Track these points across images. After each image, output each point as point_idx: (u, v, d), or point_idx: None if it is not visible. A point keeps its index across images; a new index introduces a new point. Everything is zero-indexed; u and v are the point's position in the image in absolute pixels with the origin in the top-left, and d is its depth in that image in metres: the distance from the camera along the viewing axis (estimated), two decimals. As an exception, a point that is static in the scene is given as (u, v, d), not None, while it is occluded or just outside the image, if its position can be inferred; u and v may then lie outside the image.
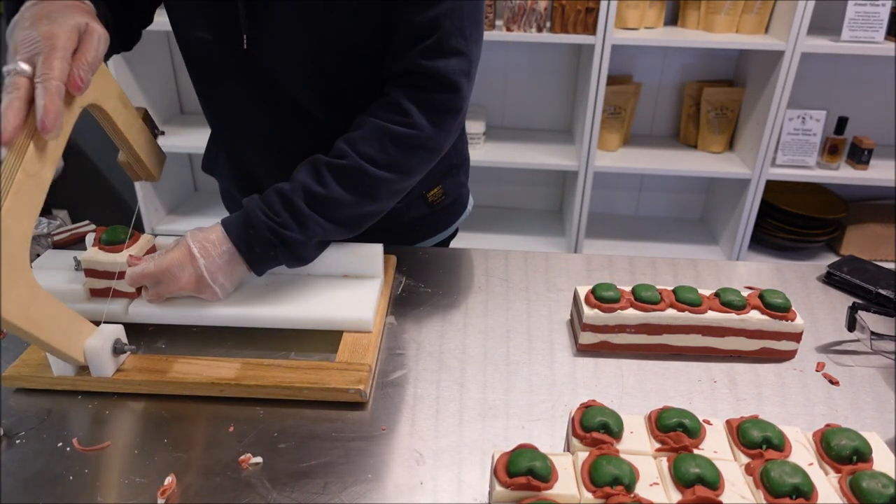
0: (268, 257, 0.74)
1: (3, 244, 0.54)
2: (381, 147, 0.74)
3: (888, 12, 1.78)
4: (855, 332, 0.76)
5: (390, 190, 0.77)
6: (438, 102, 0.76)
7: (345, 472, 0.59)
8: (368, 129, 0.75)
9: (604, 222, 2.36)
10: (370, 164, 0.74)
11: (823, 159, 2.00)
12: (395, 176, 0.76)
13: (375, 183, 0.75)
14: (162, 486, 0.56)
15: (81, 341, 0.64)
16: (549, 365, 0.73)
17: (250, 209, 0.73)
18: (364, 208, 0.76)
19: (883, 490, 0.50)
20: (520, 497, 0.50)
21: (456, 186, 1.02)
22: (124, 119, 0.75)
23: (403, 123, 0.75)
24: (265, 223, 0.72)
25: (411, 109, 0.75)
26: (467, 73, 0.77)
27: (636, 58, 2.14)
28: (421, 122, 0.75)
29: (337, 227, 0.76)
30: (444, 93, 0.76)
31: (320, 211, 0.74)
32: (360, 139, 0.75)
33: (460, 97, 0.77)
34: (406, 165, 0.77)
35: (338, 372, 0.67)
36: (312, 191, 0.73)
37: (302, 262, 0.76)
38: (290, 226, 0.73)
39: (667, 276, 0.91)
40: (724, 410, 0.67)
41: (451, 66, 0.75)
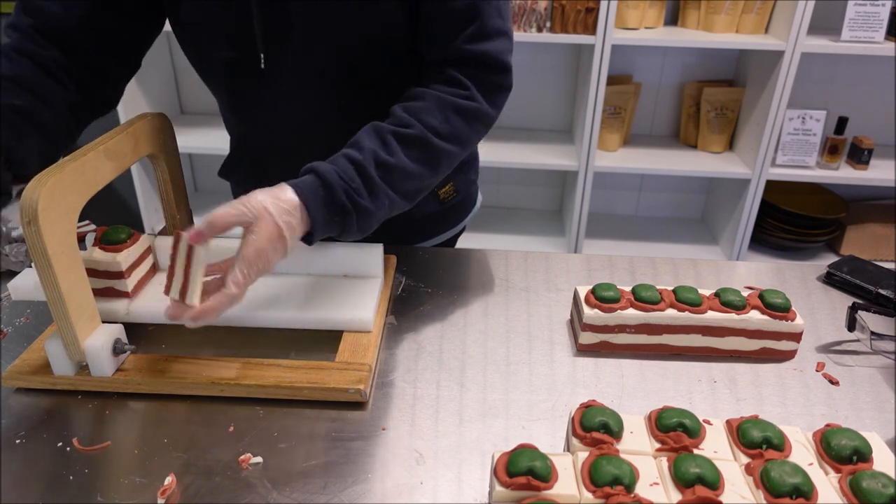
0: (332, 224, 0.70)
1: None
2: (445, 118, 0.74)
3: (888, 12, 1.78)
4: (855, 332, 0.76)
5: (450, 162, 0.78)
6: (492, 82, 0.78)
7: (345, 472, 0.59)
8: (431, 101, 0.75)
9: (604, 222, 2.36)
10: (435, 136, 0.74)
11: (823, 159, 2.00)
12: (456, 148, 0.76)
13: (439, 154, 0.75)
14: (162, 486, 0.56)
15: (87, 335, 0.65)
16: (549, 365, 0.73)
17: (324, 172, 0.68)
18: (425, 180, 0.76)
19: (883, 490, 0.50)
20: (520, 497, 0.50)
21: (466, 184, 1.02)
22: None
23: (465, 96, 0.76)
24: (342, 187, 0.69)
25: (469, 85, 0.76)
26: (510, 50, 0.79)
27: (636, 58, 2.14)
28: (479, 96, 0.76)
29: (400, 198, 0.74)
30: (495, 73, 0.78)
31: (389, 180, 0.72)
32: (423, 110, 0.74)
33: (510, 75, 0.79)
34: (466, 138, 0.77)
35: (338, 372, 0.67)
36: (382, 159, 0.71)
37: (363, 233, 0.73)
38: (363, 193, 0.70)
39: (667, 276, 0.91)
40: (724, 410, 0.67)
41: (497, 47, 0.77)
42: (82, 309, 0.64)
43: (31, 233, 0.57)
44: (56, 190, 0.59)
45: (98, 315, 0.67)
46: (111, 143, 0.69)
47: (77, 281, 0.63)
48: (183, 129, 2.14)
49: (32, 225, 0.57)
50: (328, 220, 0.69)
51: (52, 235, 0.59)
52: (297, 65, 0.80)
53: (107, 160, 0.68)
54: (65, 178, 0.61)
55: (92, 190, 0.65)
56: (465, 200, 1.04)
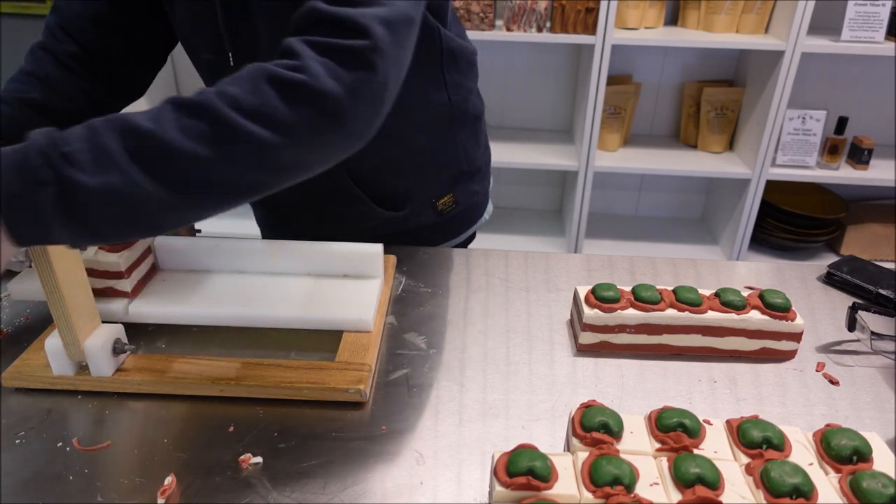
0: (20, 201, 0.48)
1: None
2: (253, 88, 0.54)
3: (888, 12, 1.78)
4: (855, 332, 0.76)
5: (259, 153, 0.54)
6: (343, 48, 0.56)
7: (345, 472, 0.59)
8: (244, 70, 0.56)
9: (604, 222, 2.36)
10: (229, 106, 0.53)
11: (823, 159, 2.00)
12: (268, 133, 0.53)
13: (232, 131, 0.52)
14: (162, 486, 0.56)
15: (87, 335, 0.65)
16: (549, 365, 0.73)
17: (32, 134, 0.50)
18: (211, 169, 0.53)
19: (883, 490, 0.50)
20: (520, 497, 0.50)
21: (468, 195, 0.99)
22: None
23: (290, 66, 0.55)
24: (42, 149, 0.48)
25: (304, 51, 0.55)
26: (387, 22, 0.58)
27: (636, 58, 2.14)
28: (316, 68, 0.55)
29: (158, 183, 0.51)
30: (348, 38, 0.56)
31: (137, 152, 0.50)
32: (230, 80, 0.55)
33: (375, 48, 0.56)
34: (283, 119, 0.54)
35: (338, 372, 0.67)
36: (133, 124, 0.51)
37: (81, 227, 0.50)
38: (77, 160, 0.48)
39: (667, 276, 0.91)
40: (724, 410, 0.67)
41: (361, 11, 0.57)
42: (82, 309, 0.64)
43: None
44: None
45: (98, 315, 0.67)
46: None
47: (77, 281, 0.63)
48: None
49: None
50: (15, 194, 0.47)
51: None
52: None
53: None
54: None
55: None
56: (468, 212, 1.01)
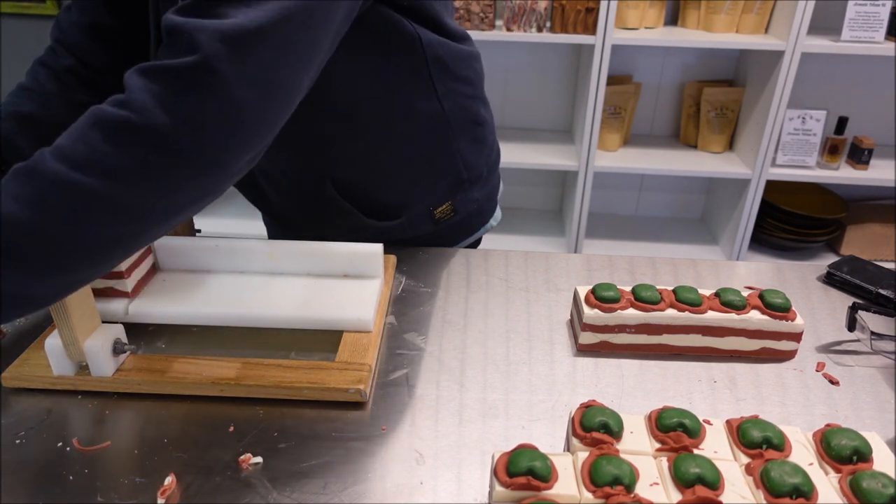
0: None
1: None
2: (80, 135, 0.50)
3: (888, 12, 1.78)
4: (855, 332, 0.76)
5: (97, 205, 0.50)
6: (170, 70, 0.51)
7: (345, 472, 0.59)
8: (85, 115, 0.52)
9: (604, 222, 2.36)
10: (57, 160, 0.49)
11: (823, 159, 2.00)
12: (100, 182, 0.49)
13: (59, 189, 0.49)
14: (162, 486, 0.56)
15: (87, 336, 0.65)
16: (549, 365, 0.73)
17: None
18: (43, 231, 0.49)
19: (883, 490, 0.50)
20: (520, 497, 0.50)
21: (468, 203, 0.96)
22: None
23: (116, 102, 0.51)
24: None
25: (133, 82, 0.51)
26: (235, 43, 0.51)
27: (636, 58, 2.14)
28: (141, 100, 0.50)
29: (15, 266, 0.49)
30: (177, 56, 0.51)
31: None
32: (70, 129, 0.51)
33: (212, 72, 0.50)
34: (117, 166, 0.50)
35: (338, 372, 0.67)
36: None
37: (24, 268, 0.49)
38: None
39: (667, 276, 0.91)
40: (724, 410, 0.67)
41: (196, 23, 0.51)
42: (82, 309, 0.64)
43: None
44: None
45: (98, 315, 0.67)
46: None
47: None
48: None
49: None
50: None
51: None
52: None
53: None
54: None
55: None
56: (468, 220, 0.98)
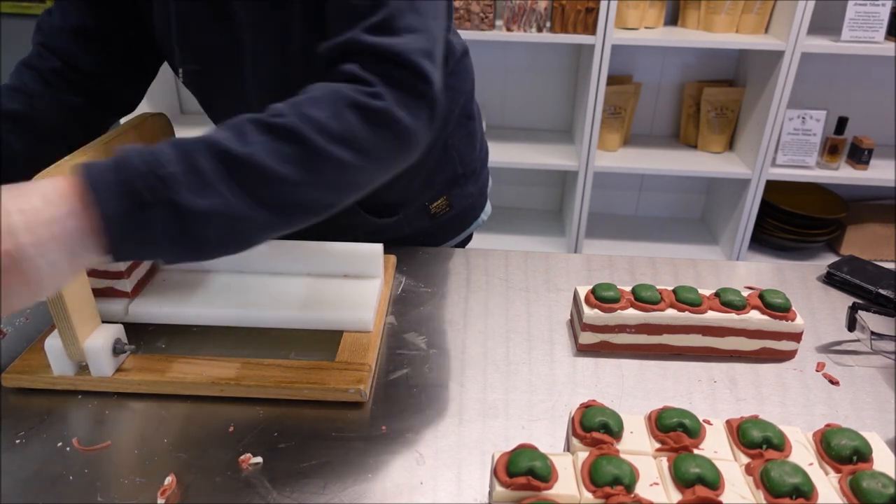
0: (130, 223, 0.48)
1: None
2: (336, 113, 0.55)
3: (888, 12, 1.78)
4: (855, 332, 0.76)
5: (342, 175, 0.57)
6: (407, 85, 0.59)
7: (345, 472, 0.59)
8: (320, 91, 0.57)
9: (604, 222, 2.36)
10: (317, 132, 0.54)
11: (823, 159, 2.00)
12: (351, 156, 0.56)
13: (320, 158, 0.54)
14: (162, 486, 0.56)
15: (87, 335, 0.65)
16: (549, 365, 0.73)
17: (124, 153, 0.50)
18: (299, 191, 0.55)
19: (883, 490, 0.50)
20: (520, 497, 0.50)
21: (462, 198, 0.98)
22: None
23: (368, 94, 0.57)
24: (142, 171, 0.49)
25: (375, 82, 0.58)
26: (428, 54, 0.61)
27: (636, 58, 2.14)
28: (391, 97, 0.58)
29: (258, 205, 0.53)
30: (409, 76, 0.60)
31: (232, 176, 0.51)
32: (306, 101, 0.56)
33: (430, 85, 0.61)
34: (368, 146, 0.57)
35: (338, 372, 0.67)
36: (223, 147, 0.52)
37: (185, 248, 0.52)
38: (177, 183, 0.49)
39: (667, 276, 0.91)
40: (724, 410, 0.67)
41: (408, 44, 0.60)
42: (82, 309, 0.64)
43: None
44: None
45: (98, 315, 0.67)
46: (112, 142, 0.69)
47: (77, 281, 0.63)
48: (183, 130, 2.13)
49: None
50: (124, 217, 0.48)
51: None
52: (211, 81, 0.81)
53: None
54: None
55: None
56: (463, 214, 1.00)
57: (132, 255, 0.51)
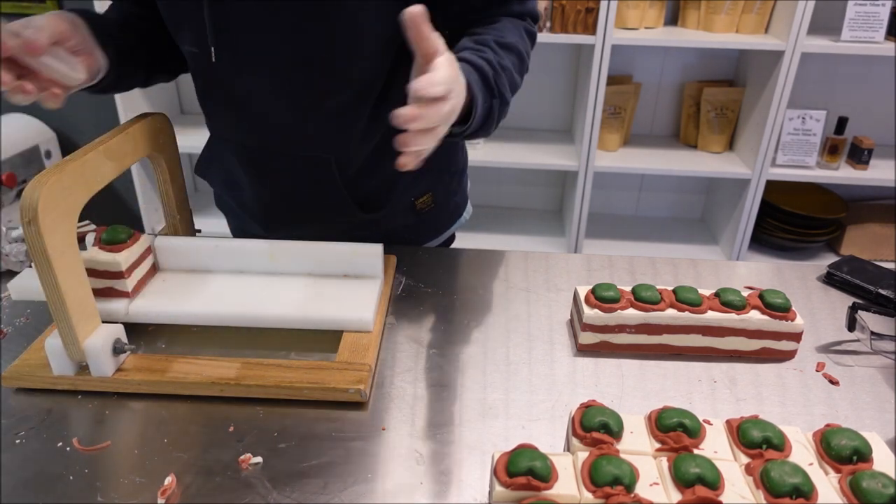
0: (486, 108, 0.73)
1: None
2: (521, 37, 0.82)
3: (888, 12, 1.78)
4: (855, 332, 0.76)
5: (522, 80, 0.83)
6: (532, 32, 0.87)
7: (345, 472, 0.59)
8: (506, 22, 0.82)
9: (604, 222, 2.36)
10: (524, 51, 0.83)
11: (823, 159, 2.00)
12: (525, 65, 0.84)
13: (524, 67, 0.83)
14: (162, 486, 0.56)
15: (87, 335, 0.65)
16: (549, 365, 0.73)
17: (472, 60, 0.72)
18: (516, 87, 0.81)
19: (883, 490, 0.50)
20: (520, 497, 0.50)
21: (447, 195, 1.00)
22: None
23: (527, 25, 0.85)
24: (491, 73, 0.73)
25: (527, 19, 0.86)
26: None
27: (636, 58, 2.14)
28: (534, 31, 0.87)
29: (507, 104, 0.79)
30: (533, 25, 0.87)
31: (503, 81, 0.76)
32: (504, 28, 0.80)
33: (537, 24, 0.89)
34: (527, 61, 0.85)
35: (338, 372, 0.67)
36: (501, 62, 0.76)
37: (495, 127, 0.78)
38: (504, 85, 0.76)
39: (667, 276, 0.91)
40: (724, 410, 0.67)
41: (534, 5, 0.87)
42: (82, 309, 0.64)
43: (31, 233, 0.58)
44: (56, 190, 0.59)
45: (98, 315, 0.67)
46: (111, 142, 0.69)
47: (77, 281, 0.63)
48: (183, 129, 2.13)
49: (32, 225, 0.57)
50: (485, 103, 0.72)
51: (51, 235, 0.59)
52: (246, 63, 0.79)
53: (107, 160, 0.68)
54: (64, 178, 0.61)
55: (92, 190, 0.65)
56: (445, 212, 1.02)
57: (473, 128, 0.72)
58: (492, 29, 0.80)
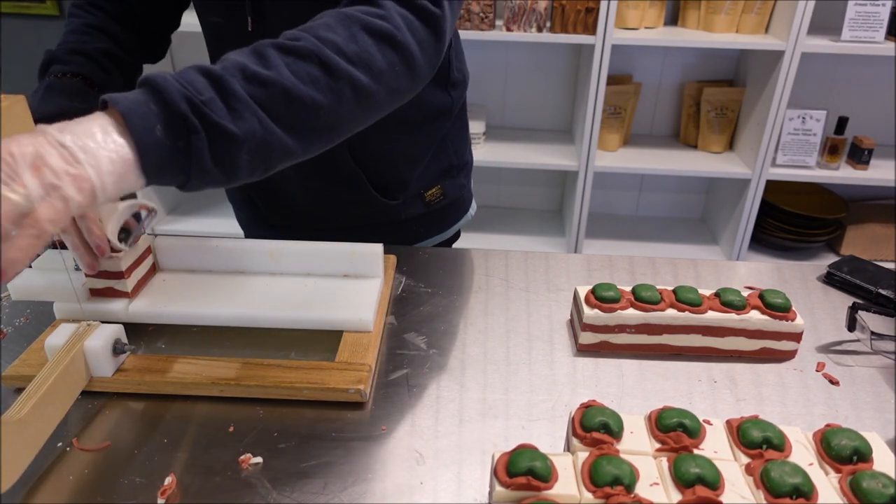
0: (174, 150, 0.49)
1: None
2: (350, 35, 0.58)
3: (888, 12, 1.78)
4: (855, 332, 0.76)
5: (359, 96, 0.59)
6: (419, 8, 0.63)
7: (345, 472, 0.59)
8: (332, 17, 0.60)
9: (604, 222, 2.36)
10: (334, 51, 0.57)
11: (823, 159, 2.00)
12: (366, 77, 0.58)
13: (340, 76, 0.57)
14: (162, 486, 0.56)
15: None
16: (549, 365, 0.73)
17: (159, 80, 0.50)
18: (321, 110, 0.57)
19: (883, 490, 0.50)
20: (520, 497, 0.50)
21: (455, 188, 1.01)
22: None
23: (377, 15, 0.60)
24: (183, 94, 0.50)
25: (386, 4, 0.61)
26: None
27: (636, 58, 2.14)
28: (398, 20, 0.61)
29: (282, 129, 0.54)
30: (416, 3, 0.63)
31: (262, 98, 0.53)
32: (320, 26, 0.59)
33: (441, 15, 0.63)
34: (379, 67, 0.59)
35: (338, 372, 0.67)
36: (252, 71, 0.53)
37: (224, 171, 0.53)
38: (216, 107, 0.51)
39: (667, 276, 0.91)
40: (724, 410, 0.67)
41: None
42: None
43: None
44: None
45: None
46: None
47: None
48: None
49: None
50: (165, 144, 0.49)
51: None
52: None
53: None
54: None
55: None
56: (455, 205, 1.03)
57: (168, 179, 0.51)
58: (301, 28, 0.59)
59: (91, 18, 0.80)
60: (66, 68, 0.74)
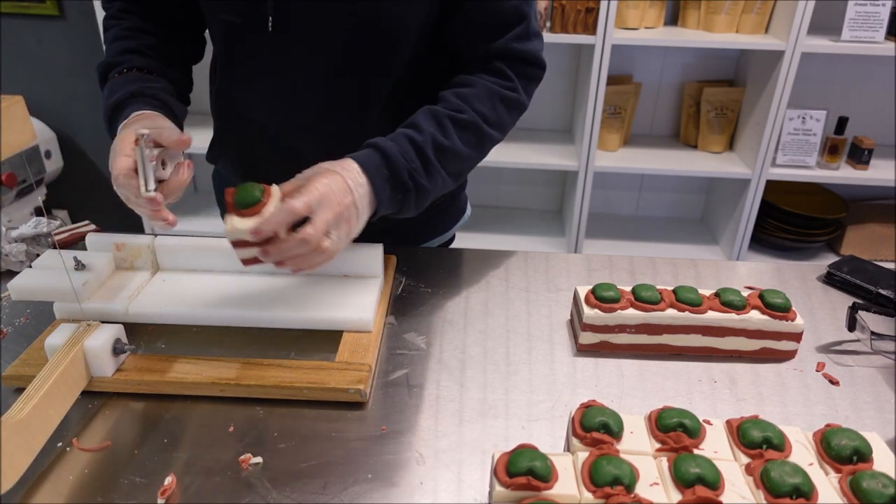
0: (394, 202, 0.75)
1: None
2: (493, 107, 0.81)
3: (888, 12, 1.78)
4: (855, 332, 0.76)
5: (492, 146, 0.84)
6: (530, 76, 0.86)
7: (345, 472, 0.59)
8: (481, 89, 0.81)
9: (604, 222, 2.36)
10: (484, 122, 0.80)
11: (823, 159, 2.00)
12: (499, 135, 0.83)
13: (486, 139, 0.81)
14: (162, 486, 0.56)
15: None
16: (549, 365, 0.73)
17: (388, 150, 0.73)
18: (471, 162, 0.82)
19: (883, 490, 0.50)
20: (520, 497, 0.50)
21: (451, 193, 1.01)
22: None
23: (509, 87, 0.83)
24: (405, 166, 0.73)
25: (514, 77, 0.83)
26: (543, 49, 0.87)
27: (636, 58, 2.14)
28: (520, 88, 0.84)
29: (450, 178, 0.80)
30: (533, 69, 0.85)
31: (443, 161, 0.77)
32: (473, 97, 0.80)
33: (543, 70, 0.87)
34: (506, 125, 0.84)
35: (338, 372, 0.67)
36: (439, 142, 0.76)
37: (417, 210, 0.78)
38: (421, 172, 0.75)
39: (667, 276, 0.91)
40: (724, 410, 0.67)
41: (537, 46, 0.85)
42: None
43: None
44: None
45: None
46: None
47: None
48: (184, 129, 2.14)
49: None
50: (391, 198, 0.74)
51: None
52: (306, 34, 0.79)
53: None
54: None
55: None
56: (452, 209, 1.04)
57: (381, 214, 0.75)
58: (459, 96, 0.79)
59: (127, 23, 0.86)
60: (121, 67, 0.83)
